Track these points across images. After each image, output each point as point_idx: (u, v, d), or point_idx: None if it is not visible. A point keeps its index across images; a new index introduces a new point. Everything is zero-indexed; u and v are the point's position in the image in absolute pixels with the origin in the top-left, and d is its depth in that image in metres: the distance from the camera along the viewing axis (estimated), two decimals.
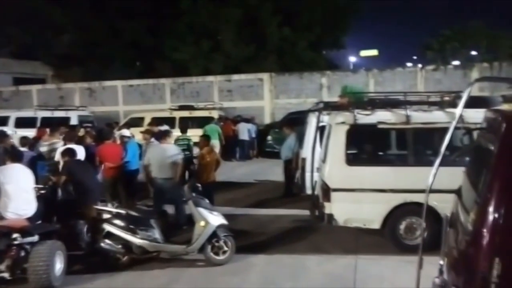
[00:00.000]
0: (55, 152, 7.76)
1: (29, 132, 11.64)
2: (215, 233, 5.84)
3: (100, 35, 24.33)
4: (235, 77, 20.75)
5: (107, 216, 5.97)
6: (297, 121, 11.13)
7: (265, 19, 23.05)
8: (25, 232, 5.15)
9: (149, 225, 5.92)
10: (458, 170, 3.77)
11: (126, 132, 9.28)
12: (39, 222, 5.71)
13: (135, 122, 15.65)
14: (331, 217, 6.26)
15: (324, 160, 6.80)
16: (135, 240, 5.80)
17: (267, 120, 19.88)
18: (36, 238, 5.21)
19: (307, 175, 8.04)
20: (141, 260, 5.92)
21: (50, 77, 29.23)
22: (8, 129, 13.57)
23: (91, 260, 6.03)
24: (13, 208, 5.33)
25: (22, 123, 16.04)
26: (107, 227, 5.86)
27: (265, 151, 16.54)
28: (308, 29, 24.22)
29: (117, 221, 5.87)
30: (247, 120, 17.18)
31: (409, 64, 27.30)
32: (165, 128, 10.82)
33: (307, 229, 7.27)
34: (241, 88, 20.49)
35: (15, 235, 5.05)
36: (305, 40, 23.91)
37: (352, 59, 46.85)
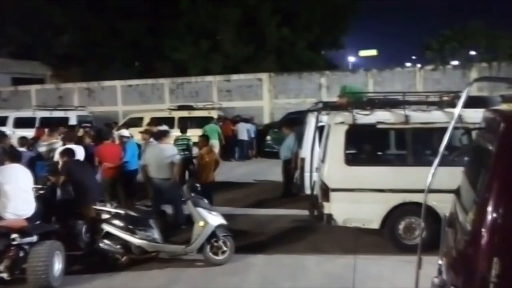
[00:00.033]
0: (54, 152, 7.76)
1: (28, 132, 11.64)
2: (214, 233, 5.84)
3: (100, 35, 24.30)
4: (234, 77, 20.74)
5: (106, 216, 5.97)
6: (296, 121, 11.14)
7: (264, 19, 23.03)
8: (24, 232, 5.15)
9: (148, 225, 5.92)
10: (457, 170, 3.77)
11: (125, 132, 9.27)
12: (38, 222, 5.70)
13: (134, 122, 15.63)
14: (330, 217, 6.26)
15: (323, 160, 6.80)
16: (134, 240, 5.80)
17: (266, 120, 19.86)
18: (35, 238, 5.21)
19: (306, 175, 8.05)
20: (140, 260, 5.92)
21: (49, 77, 29.20)
22: (7, 129, 13.58)
23: (90, 260, 6.04)
24: (12, 208, 5.32)
25: (21, 123, 16.04)
26: (106, 227, 5.86)
27: (264, 151, 16.54)
28: (307, 29, 24.19)
29: (116, 221, 5.87)
30: (246, 120, 17.16)
31: (408, 64, 27.30)
32: (164, 128, 10.81)
33: (306, 229, 7.28)
34: (240, 88, 20.48)
35: (14, 236, 5.05)
36: (304, 40, 23.89)
37: (351, 59, 46.92)
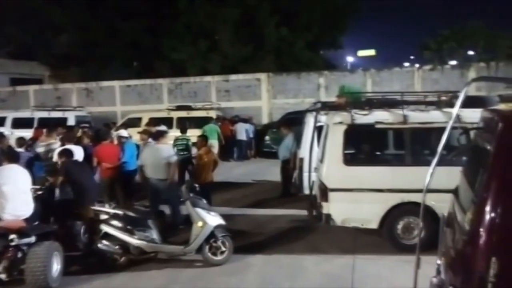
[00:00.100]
0: (52, 153, 7.74)
1: (26, 132, 11.62)
2: (213, 233, 5.83)
3: (98, 35, 24.27)
4: (233, 77, 20.72)
5: (104, 216, 5.95)
6: (294, 121, 11.14)
7: (262, 19, 23.01)
8: (22, 233, 5.14)
9: (146, 225, 5.91)
10: (456, 170, 3.78)
11: (123, 133, 9.25)
12: (36, 223, 5.70)
13: (132, 123, 15.62)
14: (329, 217, 6.26)
15: (321, 160, 6.80)
16: (132, 240, 5.79)
17: (264, 120, 19.86)
18: (33, 239, 5.21)
19: (305, 175, 8.05)
20: (138, 260, 5.91)
21: (47, 77, 29.15)
22: (5, 130, 13.57)
23: (89, 261, 6.03)
24: (10, 209, 5.31)
25: (19, 123, 16.02)
26: (105, 228, 5.84)
27: (263, 151, 16.53)
28: (306, 29, 24.18)
29: (115, 222, 5.86)
30: (245, 120, 17.15)
31: (406, 64, 27.32)
32: (162, 128, 10.80)
33: (305, 229, 7.27)
34: (238, 88, 20.47)
35: (12, 236, 5.04)
36: (303, 40, 23.87)
37: (350, 59, 46.99)
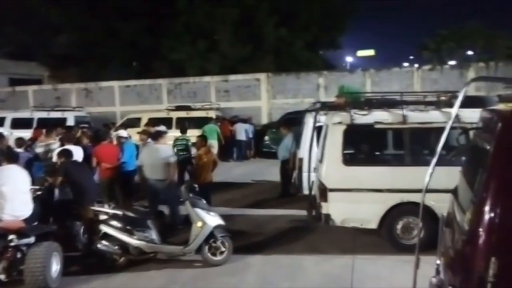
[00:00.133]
0: (51, 153, 7.73)
1: (25, 133, 11.60)
2: (212, 233, 5.83)
3: (98, 35, 24.24)
4: (232, 77, 20.72)
5: (103, 217, 5.95)
6: (294, 121, 11.14)
7: (261, 19, 23.00)
8: (21, 233, 5.14)
9: (146, 226, 5.91)
10: (455, 170, 3.78)
11: (123, 133, 9.24)
12: (35, 224, 5.70)
13: (132, 123, 15.62)
14: (328, 217, 6.26)
15: (321, 160, 6.80)
16: (132, 241, 5.78)
17: (264, 120, 19.86)
18: (32, 239, 5.20)
19: (304, 175, 8.05)
20: (138, 261, 5.90)
21: (46, 77, 29.14)
22: (4, 130, 13.55)
23: (88, 262, 6.02)
24: (9, 209, 5.30)
25: (19, 124, 16.00)
26: (104, 228, 5.84)
27: (262, 151, 16.54)
28: (305, 29, 24.17)
29: (114, 222, 5.85)
30: (244, 121, 17.14)
31: (405, 64, 27.28)
32: (162, 128, 10.79)
33: (304, 229, 7.27)
34: (238, 89, 20.47)
35: (11, 237, 5.04)
36: (302, 40, 23.86)
37: (349, 59, 46.98)
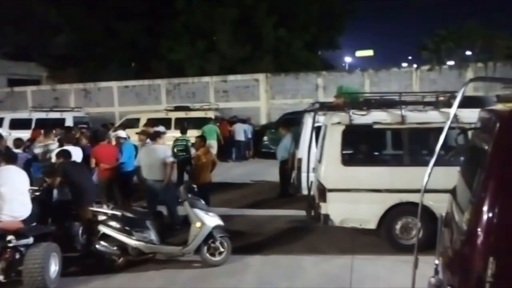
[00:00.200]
0: (49, 154, 7.72)
1: (24, 133, 11.59)
2: (211, 234, 5.83)
3: (96, 35, 24.24)
4: (231, 77, 20.72)
5: (102, 217, 5.93)
6: (293, 121, 11.14)
7: (260, 19, 23.02)
8: (19, 234, 5.12)
9: (144, 226, 5.90)
10: (453, 170, 3.78)
11: (121, 133, 9.24)
12: (34, 224, 5.69)
13: (130, 123, 15.62)
14: (327, 217, 6.26)
15: (320, 160, 6.80)
16: (130, 241, 5.78)
17: (263, 120, 19.86)
18: (31, 240, 5.19)
19: (303, 175, 8.04)
20: (136, 261, 5.90)
21: (44, 78, 29.08)
22: (2, 131, 13.55)
23: (87, 262, 6.02)
24: (8, 210, 5.30)
25: (17, 124, 15.99)
26: (103, 229, 5.83)
27: (261, 151, 16.54)
28: (303, 29, 24.19)
29: (113, 223, 5.84)
30: (243, 121, 17.14)
31: (404, 65, 27.28)
32: (160, 129, 10.79)
33: (303, 229, 7.27)
34: (237, 89, 20.47)
35: (9, 237, 5.02)
36: (301, 40, 23.88)
37: (348, 59, 46.99)
